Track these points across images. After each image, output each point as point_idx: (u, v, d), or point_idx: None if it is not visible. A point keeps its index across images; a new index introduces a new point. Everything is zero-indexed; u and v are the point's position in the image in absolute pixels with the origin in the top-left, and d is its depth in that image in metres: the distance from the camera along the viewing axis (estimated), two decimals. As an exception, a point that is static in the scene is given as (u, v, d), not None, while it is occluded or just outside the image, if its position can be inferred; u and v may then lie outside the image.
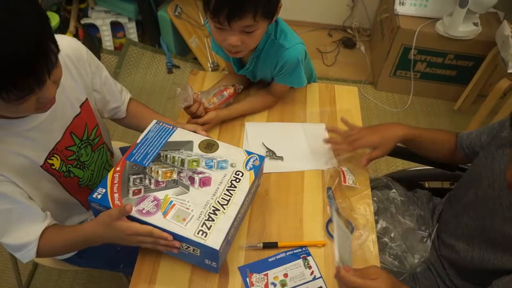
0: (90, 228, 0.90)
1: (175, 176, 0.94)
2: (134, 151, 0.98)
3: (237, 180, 0.95)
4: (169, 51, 2.71)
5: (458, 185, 1.15)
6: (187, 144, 1.01)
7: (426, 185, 1.47)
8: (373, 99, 2.65)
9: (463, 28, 2.27)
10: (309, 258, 0.98)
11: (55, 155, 0.95)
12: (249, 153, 1.01)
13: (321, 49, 2.98)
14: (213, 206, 0.89)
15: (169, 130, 1.04)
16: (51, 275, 1.75)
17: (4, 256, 1.77)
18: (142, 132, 1.03)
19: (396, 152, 1.20)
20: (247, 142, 1.24)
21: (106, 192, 0.89)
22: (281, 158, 1.20)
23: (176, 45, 2.71)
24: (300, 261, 0.98)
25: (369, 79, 2.80)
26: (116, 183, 0.91)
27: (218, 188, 0.93)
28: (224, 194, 0.92)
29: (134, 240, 0.87)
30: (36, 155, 0.90)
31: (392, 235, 1.13)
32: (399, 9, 2.43)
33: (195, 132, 1.06)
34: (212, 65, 2.65)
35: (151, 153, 0.98)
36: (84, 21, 2.60)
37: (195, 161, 0.97)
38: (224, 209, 0.89)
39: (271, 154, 1.20)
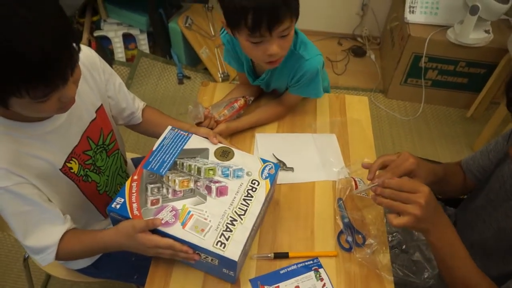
0: (111, 237, 0.91)
1: (192, 185, 0.95)
2: (151, 159, 0.99)
3: (253, 190, 0.95)
4: (179, 62, 2.74)
5: (471, 194, 1.13)
6: (203, 152, 1.02)
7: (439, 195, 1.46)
8: (384, 108, 2.64)
9: (474, 35, 2.26)
10: (321, 270, 0.98)
11: (73, 158, 0.97)
12: (264, 161, 1.02)
13: (331, 57, 2.99)
14: (230, 217, 0.90)
15: (184, 137, 1.05)
16: (64, 286, 1.76)
17: (18, 267, 1.79)
18: (157, 138, 1.04)
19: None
20: (257, 153, 1.24)
21: (124, 201, 0.90)
22: (291, 169, 1.20)
23: (187, 56, 2.74)
24: (312, 273, 0.97)
25: (379, 88, 2.79)
26: (134, 193, 0.92)
27: (235, 197, 0.93)
28: (241, 204, 0.92)
29: (153, 252, 0.89)
30: (55, 158, 0.92)
31: (404, 247, 1.12)
32: (409, 17, 2.43)
33: (207, 138, 1.07)
34: (222, 75, 2.67)
35: (168, 161, 0.99)
36: (96, 33, 2.64)
37: (211, 169, 0.98)
38: (242, 219, 0.90)
39: (282, 165, 1.20)
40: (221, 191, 0.94)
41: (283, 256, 1.00)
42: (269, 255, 0.99)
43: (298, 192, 1.14)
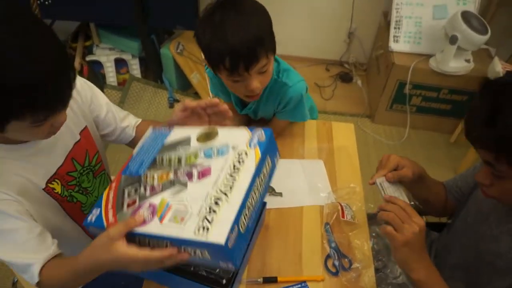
0: (87, 257, 0.81)
1: (171, 176, 0.82)
2: (130, 163, 0.88)
3: (240, 162, 0.80)
4: (171, 87, 2.79)
5: (451, 218, 1.18)
6: (184, 141, 0.89)
7: (425, 219, 1.50)
8: (371, 132, 2.71)
9: (455, 64, 2.35)
10: None
11: (56, 179, 0.98)
12: (252, 129, 0.88)
13: (319, 83, 3.06)
14: (214, 196, 0.75)
15: (165, 133, 0.93)
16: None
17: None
18: None
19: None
20: None
21: (100, 211, 0.79)
22: (280, 194, 1.23)
23: (178, 80, 2.79)
24: None
25: (366, 113, 2.86)
26: (110, 200, 0.81)
27: (219, 176, 0.78)
28: (226, 180, 0.77)
29: (136, 267, 0.78)
30: (37, 178, 0.93)
31: (389, 270, 1.15)
32: (394, 46, 2.52)
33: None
34: (213, 100, 2.72)
35: (146, 160, 0.88)
36: (89, 58, 2.68)
37: (193, 154, 0.85)
38: (228, 196, 0.74)
39: (271, 190, 1.23)
40: (204, 173, 0.80)
41: (272, 280, 1.02)
42: (259, 280, 1.01)
43: (287, 217, 1.17)
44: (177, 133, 0.92)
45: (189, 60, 2.68)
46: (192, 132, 0.91)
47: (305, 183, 1.27)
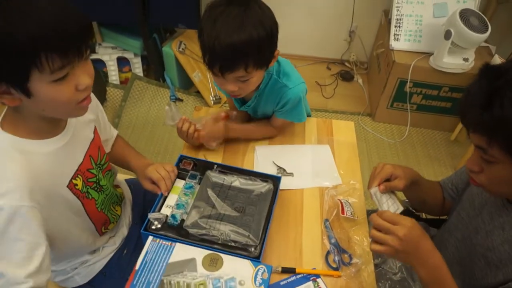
0: None
1: None
2: (135, 281, 0.91)
3: None
4: (172, 85, 2.80)
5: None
6: (190, 263, 0.96)
7: (423, 216, 1.51)
8: (371, 131, 2.72)
9: (450, 60, 2.36)
10: (319, 280, 1.02)
11: (78, 175, 1.00)
12: (255, 263, 0.97)
13: (320, 82, 3.08)
14: None
15: (167, 248, 0.98)
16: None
17: None
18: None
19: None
20: (257, 163, 1.32)
21: None
22: (291, 174, 1.28)
23: (180, 79, 2.80)
24: (310, 283, 1.02)
25: (367, 111, 2.88)
26: None
27: None
28: None
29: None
30: (63, 174, 0.96)
31: (388, 266, 1.17)
32: (394, 44, 2.53)
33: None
34: (214, 99, 2.73)
35: (153, 281, 0.92)
36: (91, 56, 2.69)
37: (202, 283, 0.92)
38: None
39: (282, 171, 1.28)
40: None
41: (291, 271, 1.04)
42: (277, 268, 1.03)
43: (287, 213, 1.19)
44: (180, 250, 0.98)
45: (190, 59, 2.70)
46: (196, 254, 0.97)
47: (313, 166, 1.32)
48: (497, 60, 2.29)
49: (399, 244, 0.86)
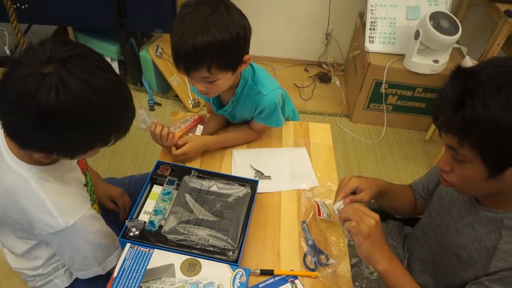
0: None
1: None
2: (114, 287, 0.91)
3: None
4: (150, 89, 2.79)
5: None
6: (168, 269, 0.96)
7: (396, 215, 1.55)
8: (349, 131, 2.76)
9: (418, 60, 2.42)
10: (297, 281, 1.04)
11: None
12: (233, 267, 0.98)
13: (298, 84, 3.11)
14: None
15: (145, 254, 0.98)
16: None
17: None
18: None
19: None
20: (235, 167, 1.33)
21: None
22: (269, 177, 1.30)
23: (158, 83, 2.79)
24: (289, 284, 1.03)
25: (344, 112, 2.92)
26: None
27: None
28: None
29: None
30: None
31: (365, 266, 1.19)
32: (369, 46, 2.58)
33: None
34: (193, 102, 2.73)
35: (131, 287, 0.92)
36: (67, 62, 2.66)
37: None
38: None
39: (260, 174, 1.30)
40: None
41: (269, 273, 1.05)
42: (256, 271, 1.05)
43: (265, 216, 1.20)
44: (158, 256, 0.98)
45: (168, 63, 2.69)
46: (175, 259, 0.97)
47: (290, 168, 1.34)
48: (468, 61, 2.35)
49: (372, 229, 0.91)
